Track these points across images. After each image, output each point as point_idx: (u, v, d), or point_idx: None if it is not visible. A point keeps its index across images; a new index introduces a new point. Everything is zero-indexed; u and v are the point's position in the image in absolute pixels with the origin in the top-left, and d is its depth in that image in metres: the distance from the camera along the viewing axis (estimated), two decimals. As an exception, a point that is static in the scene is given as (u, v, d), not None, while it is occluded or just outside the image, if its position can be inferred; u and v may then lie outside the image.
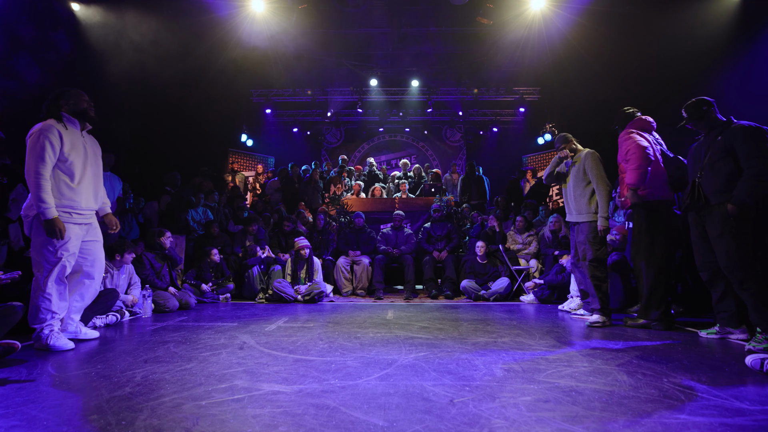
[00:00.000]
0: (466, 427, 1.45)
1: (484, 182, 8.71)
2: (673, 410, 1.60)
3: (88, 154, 2.81)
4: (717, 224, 2.73)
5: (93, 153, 2.88)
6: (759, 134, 2.69)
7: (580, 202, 3.64)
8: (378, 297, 5.42)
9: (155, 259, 4.63)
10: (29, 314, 2.66)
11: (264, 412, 1.58)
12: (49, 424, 1.48)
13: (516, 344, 2.74)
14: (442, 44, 9.33)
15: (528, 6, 7.15)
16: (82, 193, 2.74)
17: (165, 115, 7.93)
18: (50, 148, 2.59)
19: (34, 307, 2.64)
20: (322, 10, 7.39)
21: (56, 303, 2.66)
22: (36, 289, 2.65)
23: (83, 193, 2.75)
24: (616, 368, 2.17)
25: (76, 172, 2.71)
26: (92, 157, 2.85)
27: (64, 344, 2.64)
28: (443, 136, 12.74)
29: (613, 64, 7.43)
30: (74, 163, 2.69)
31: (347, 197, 7.50)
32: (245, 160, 11.00)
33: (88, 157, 2.81)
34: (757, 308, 2.57)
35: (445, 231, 6.15)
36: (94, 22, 6.82)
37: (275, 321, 3.69)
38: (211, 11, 7.14)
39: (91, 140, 2.94)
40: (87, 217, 2.83)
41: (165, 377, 2.01)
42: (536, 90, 11.16)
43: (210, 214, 6.43)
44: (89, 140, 2.90)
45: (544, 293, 5.00)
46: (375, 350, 2.57)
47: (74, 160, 2.69)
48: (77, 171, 2.72)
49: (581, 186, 3.63)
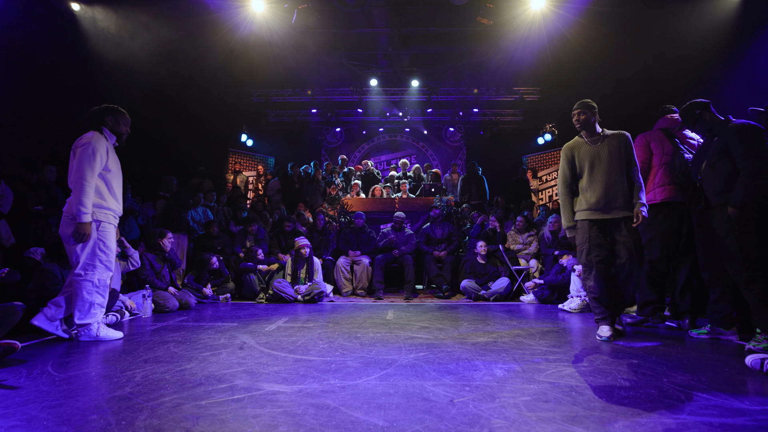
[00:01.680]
0: (466, 427, 1.45)
1: (484, 182, 8.72)
2: (673, 410, 1.60)
3: (119, 167, 3.15)
4: (720, 225, 2.73)
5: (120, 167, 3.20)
6: (753, 133, 2.68)
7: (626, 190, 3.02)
8: (378, 297, 5.42)
9: (155, 260, 4.63)
10: (76, 310, 2.89)
11: (264, 412, 1.58)
12: (49, 424, 1.48)
13: (516, 344, 2.74)
14: (442, 44, 9.32)
15: (528, 6, 7.14)
16: (118, 199, 3.09)
17: (165, 115, 7.93)
18: (99, 159, 2.89)
19: (84, 303, 2.89)
20: (322, 10, 7.38)
21: (104, 299, 2.99)
22: (85, 288, 2.89)
23: (119, 200, 3.10)
24: (616, 368, 2.17)
25: (114, 181, 3.03)
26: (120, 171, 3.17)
27: (113, 335, 2.97)
28: (443, 136, 12.74)
29: (613, 64, 7.43)
30: (113, 173, 3.02)
31: (347, 197, 7.50)
32: (245, 160, 10.99)
33: (120, 170, 3.15)
34: (760, 309, 2.56)
35: (445, 232, 6.15)
36: (94, 22, 6.82)
37: (275, 321, 3.69)
38: (211, 11, 7.14)
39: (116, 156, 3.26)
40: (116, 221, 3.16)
41: (165, 377, 2.01)
42: (536, 90, 11.16)
43: (210, 214, 6.43)
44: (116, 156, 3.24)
45: (544, 293, 5.00)
46: (375, 350, 2.57)
47: (113, 170, 3.03)
48: (115, 180, 3.04)
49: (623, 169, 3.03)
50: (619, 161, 2.97)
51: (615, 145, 3.00)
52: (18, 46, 5.73)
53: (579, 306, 4.35)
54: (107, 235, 2.97)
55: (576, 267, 4.66)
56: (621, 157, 2.98)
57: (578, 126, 3.12)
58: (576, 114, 3.12)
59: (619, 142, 3.01)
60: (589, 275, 3.00)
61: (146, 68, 7.06)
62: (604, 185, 2.95)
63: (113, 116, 3.04)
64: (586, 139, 3.11)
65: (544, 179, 10.84)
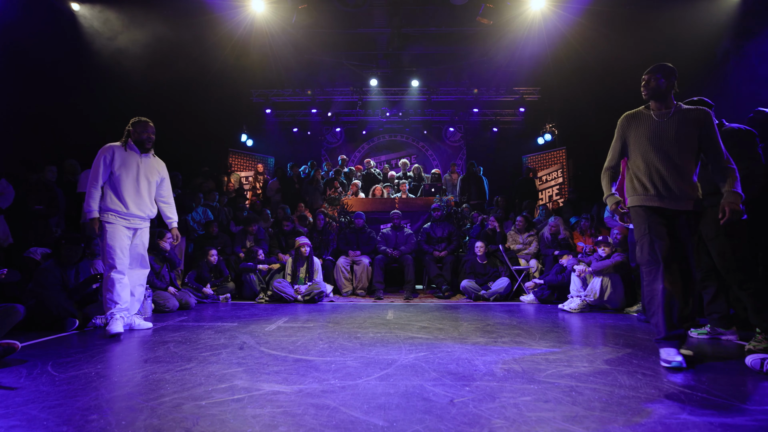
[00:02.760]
0: (466, 427, 1.45)
1: (484, 182, 8.71)
2: (673, 410, 1.60)
3: (141, 172, 3.39)
4: (710, 226, 2.74)
5: (145, 172, 3.42)
6: (741, 137, 2.73)
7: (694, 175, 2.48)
8: (378, 297, 5.42)
9: (155, 260, 4.63)
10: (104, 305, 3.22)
11: (264, 412, 1.58)
12: (49, 424, 1.48)
13: (516, 344, 2.74)
14: (442, 44, 9.32)
15: (528, 6, 7.14)
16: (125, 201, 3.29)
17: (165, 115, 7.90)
18: (102, 165, 3.25)
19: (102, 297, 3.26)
20: (322, 10, 7.38)
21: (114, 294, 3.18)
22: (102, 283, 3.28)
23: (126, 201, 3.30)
24: (616, 368, 2.17)
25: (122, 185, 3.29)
26: (143, 176, 3.41)
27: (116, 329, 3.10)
28: (443, 136, 12.73)
29: (613, 64, 7.42)
30: (121, 177, 3.29)
31: (347, 197, 7.50)
32: (245, 160, 10.98)
33: (140, 175, 3.39)
34: (757, 308, 2.57)
35: (445, 232, 6.15)
36: (94, 22, 6.82)
37: (275, 321, 3.69)
38: (211, 11, 7.13)
39: (150, 162, 3.50)
40: (133, 222, 3.35)
41: (165, 377, 2.01)
42: (536, 90, 11.15)
43: (210, 214, 6.43)
44: (148, 162, 3.48)
45: (544, 293, 5.00)
46: (375, 350, 2.57)
47: (122, 175, 3.29)
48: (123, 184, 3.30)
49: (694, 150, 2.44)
50: (688, 142, 2.40)
51: (689, 121, 2.42)
52: (18, 46, 5.73)
53: (579, 306, 4.35)
54: (113, 234, 3.23)
55: (576, 267, 4.67)
56: (692, 138, 2.40)
57: (646, 94, 2.57)
58: (645, 79, 2.55)
59: (696, 119, 2.41)
60: (656, 276, 2.32)
61: (146, 68, 7.06)
62: (664, 169, 2.40)
63: (134, 127, 3.40)
64: (652, 112, 2.54)
65: (544, 179, 10.84)
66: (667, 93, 2.50)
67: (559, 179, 10.50)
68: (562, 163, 10.47)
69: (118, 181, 3.29)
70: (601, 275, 4.43)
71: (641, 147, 2.50)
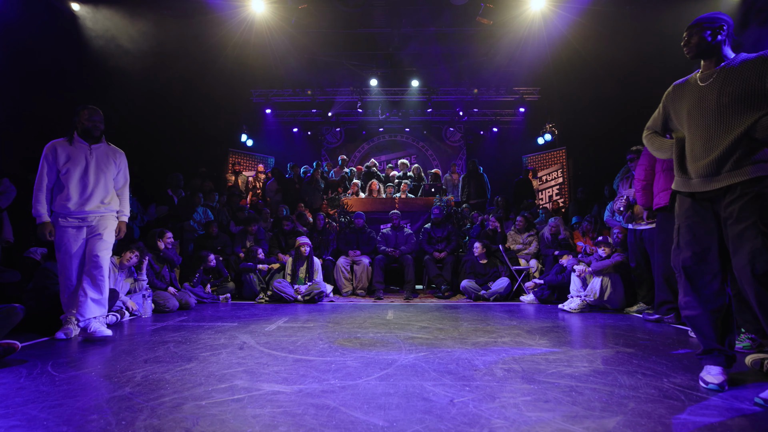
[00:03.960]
0: (466, 427, 1.45)
1: (485, 180, 8.70)
2: (673, 410, 1.60)
3: (90, 165, 3.12)
4: None
5: (96, 164, 3.14)
6: None
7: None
8: (378, 297, 5.42)
9: (154, 260, 4.63)
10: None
11: (264, 412, 1.58)
12: (49, 424, 1.48)
13: (516, 344, 2.74)
14: (442, 44, 9.32)
15: (528, 6, 7.14)
16: (72, 197, 3.05)
17: (165, 115, 7.92)
18: (45, 166, 3.03)
19: None
20: (322, 10, 7.38)
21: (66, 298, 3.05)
22: None
23: (73, 198, 3.06)
24: (616, 368, 2.17)
25: (69, 182, 3.05)
26: (93, 169, 3.13)
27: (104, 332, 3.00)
28: (443, 136, 12.74)
29: (613, 64, 7.43)
30: (69, 173, 3.05)
31: (347, 197, 7.51)
32: (245, 160, 10.99)
33: (90, 168, 3.11)
34: (739, 309, 2.61)
35: (445, 232, 6.15)
36: (94, 21, 6.82)
37: (275, 321, 3.69)
38: (211, 11, 7.14)
39: (102, 152, 3.20)
40: (81, 221, 3.10)
41: (165, 377, 2.01)
42: (536, 90, 11.16)
43: (210, 214, 6.43)
44: (99, 152, 3.18)
45: (544, 293, 5.00)
46: (375, 350, 2.57)
47: (69, 171, 3.05)
48: (71, 181, 3.06)
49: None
50: (745, 102, 1.80)
51: (744, 77, 1.83)
52: (18, 46, 5.73)
53: (579, 306, 4.35)
54: (61, 238, 3.06)
55: (576, 267, 4.67)
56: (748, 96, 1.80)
57: (688, 53, 2.05)
58: (686, 36, 2.04)
59: (752, 71, 1.82)
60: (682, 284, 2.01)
61: (146, 68, 7.06)
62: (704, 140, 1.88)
63: (78, 116, 3.13)
64: (698, 74, 2.02)
65: (544, 179, 10.85)
66: (714, 49, 1.96)
67: (559, 179, 10.51)
68: (562, 163, 10.48)
69: (66, 178, 3.06)
70: (601, 275, 4.43)
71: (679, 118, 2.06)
